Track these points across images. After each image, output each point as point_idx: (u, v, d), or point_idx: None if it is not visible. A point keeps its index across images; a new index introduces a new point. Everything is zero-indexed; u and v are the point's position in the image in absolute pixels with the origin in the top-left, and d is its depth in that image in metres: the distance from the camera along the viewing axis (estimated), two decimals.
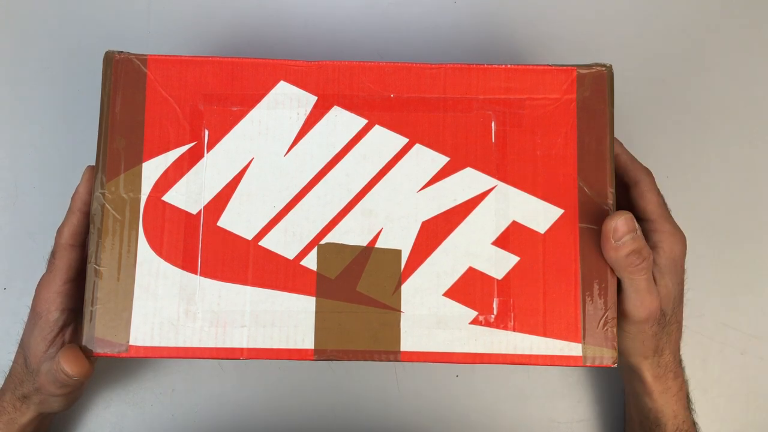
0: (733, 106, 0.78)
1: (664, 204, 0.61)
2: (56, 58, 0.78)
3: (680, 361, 0.64)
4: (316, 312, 0.57)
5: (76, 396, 0.64)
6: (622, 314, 0.58)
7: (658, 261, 0.59)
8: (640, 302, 0.58)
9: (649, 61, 0.78)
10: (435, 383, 0.73)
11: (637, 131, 0.76)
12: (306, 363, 0.72)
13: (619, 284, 0.58)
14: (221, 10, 0.79)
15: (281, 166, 0.58)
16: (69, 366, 0.57)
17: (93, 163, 0.60)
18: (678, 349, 0.64)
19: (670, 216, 0.61)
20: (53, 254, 0.61)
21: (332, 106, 0.59)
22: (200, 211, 0.58)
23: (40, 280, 0.61)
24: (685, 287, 0.63)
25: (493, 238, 0.58)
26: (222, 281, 0.57)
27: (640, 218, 0.60)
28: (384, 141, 0.58)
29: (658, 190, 0.61)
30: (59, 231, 0.60)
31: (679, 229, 0.61)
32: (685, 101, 0.77)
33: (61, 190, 0.72)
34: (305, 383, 0.73)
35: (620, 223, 0.55)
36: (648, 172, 0.61)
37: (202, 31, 0.78)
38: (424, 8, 0.79)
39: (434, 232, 0.58)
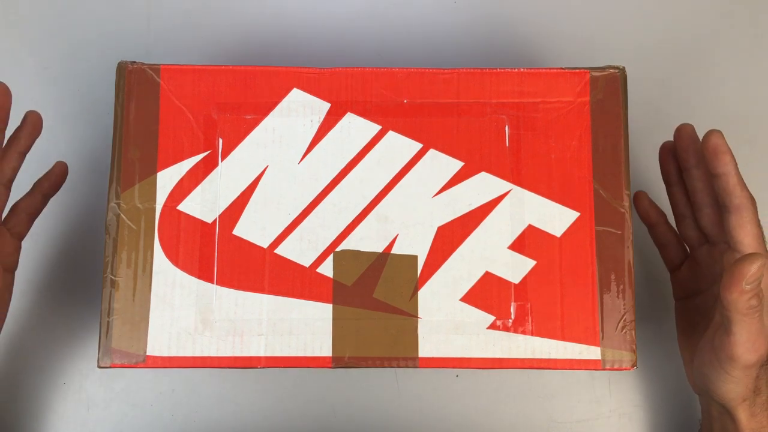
0: (733, 106, 0.78)
1: (763, 237, 0.58)
2: (56, 58, 0.77)
3: None
4: (333, 319, 0.57)
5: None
6: (729, 358, 0.56)
7: None
8: (752, 345, 0.55)
9: (649, 61, 0.78)
10: (435, 383, 0.74)
11: (638, 131, 0.76)
12: None
13: (728, 328, 0.55)
14: (220, 10, 0.78)
15: (295, 173, 0.58)
16: None
17: (92, 162, 0.59)
18: None
19: (766, 250, 0.58)
20: None
21: (345, 113, 0.59)
22: (215, 220, 0.57)
23: None
24: None
25: (509, 242, 0.58)
26: (238, 290, 0.57)
27: (732, 248, 0.58)
28: (398, 147, 0.58)
29: (759, 221, 0.58)
30: None
31: None
32: (685, 101, 0.78)
33: (62, 190, 0.72)
34: (305, 383, 0.73)
35: (755, 268, 0.52)
36: (753, 201, 0.58)
37: (201, 30, 0.78)
38: (424, 8, 0.79)
39: (450, 238, 0.58)
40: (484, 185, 0.58)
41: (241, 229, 0.57)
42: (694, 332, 0.63)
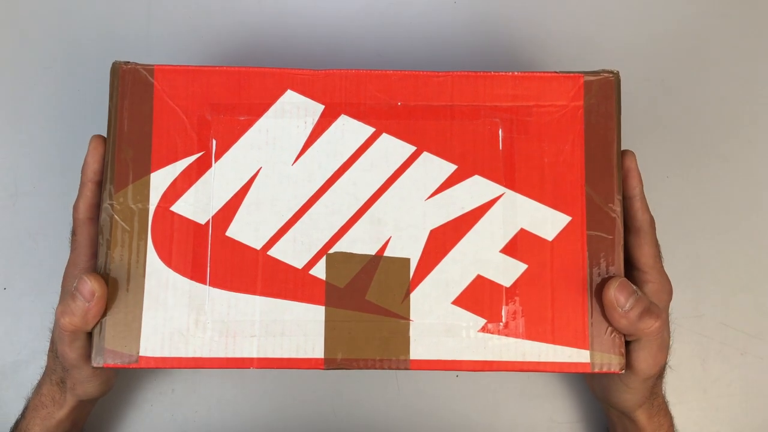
0: (733, 106, 0.78)
1: (659, 255, 0.61)
2: (56, 58, 0.77)
3: (665, 397, 0.65)
4: (326, 321, 0.57)
5: (107, 377, 0.63)
6: (631, 372, 0.58)
7: None
8: (653, 360, 0.58)
9: (648, 61, 0.78)
10: (435, 383, 0.74)
11: (637, 131, 0.76)
12: None
13: (631, 346, 0.58)
14: (219, 10, 0.79)
15: (289, 175, 0.58)
16: (95, 279, 0.56)
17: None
18: (663, 389, 0.65)
19: (662, 267, 0.61)
20: (73, 232, 0.60)
21: (339, 115, 0.59)
22: (209, 221, 0.58)
23: (68, 259, 0.61)
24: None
25: (501, 246, 0.58)
26: (231, 291, 0.57)
27: (632, 266, 0.60)
28: (391, 149, 0.58)
29: (657, 240, 0.60)
30: (75, 207, 0.59)
31: (667, 278, 0.60)
32: (685, 101, 0.78)
33: (61, 190, 0.73)
34: (305, 383, 0.73)
35: (618, 289, 0.56)
36: (652, 223, 0.60)
37: (201, 30, 0.78)
38: (424, 8, 0.79)
39: (442, 241, 0.58)
40: (476, 188, 0.58)
41: (235, 231, 0.58)
42: None
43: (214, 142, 0.58)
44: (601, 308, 0.57)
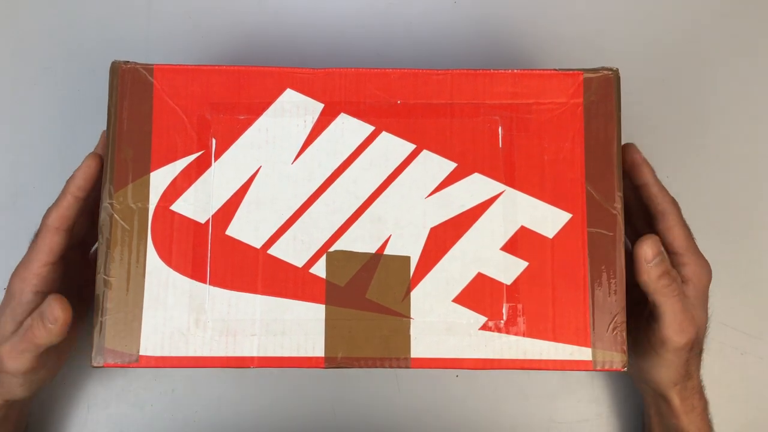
0: (733, 106, 0.78)
1: (691, 236, 0.62)
2: (56, 58, 0.77)
3: (701, 381, 0.65)
4: (326, 320, 0.57)
5: (38, 380, 0.62)
6: (661, 342, 0.59)
7: (689, 293, 0.60)
8: (679, 326, 0.58)
9: (649, 60, 0.78)
10: (435, 383, 0.74)
11: (637, 131, 0.76)
12: None
13: (656, 313, 0.59)
14: (220, 10, 0.79)
15: (289, 174, 0.58)
16: (60, 305, 0.56)
17: None
18: (700, 372, 0.65)
19: (697, 247, 0.62)
20: (37, 235, 0.59)
21: (339, 113, 0.59)
22: (209, 220, 0.58)
23: (21, 260, 0.60)
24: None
25: (502, 244, 0.58)
26: (231, 290, 0.57)
27: (667, 251, 0.60)
28: (391, 147, 0.58)
29: (685, 221, 0.61)
30: (47, 212, 0.59)
31: (704, 259, 0.62)
32: (685, 101, 0.78)
33: (61, 190, 0.72)
34: (305, 383, 0.73)
35: (649, 246, 0.57)
36: (675, 204, 0.61)
37: (201, 30, 0.78)
38: (424, 8, 0.79)
39: (443, 239, 0.58)
40: (476, 186, 0.58)
41: (234, 230, 0.58)
42: (632, 329, 0.64)
43: (213, 141, 0.58)
44: (601, 304, 0.57)
